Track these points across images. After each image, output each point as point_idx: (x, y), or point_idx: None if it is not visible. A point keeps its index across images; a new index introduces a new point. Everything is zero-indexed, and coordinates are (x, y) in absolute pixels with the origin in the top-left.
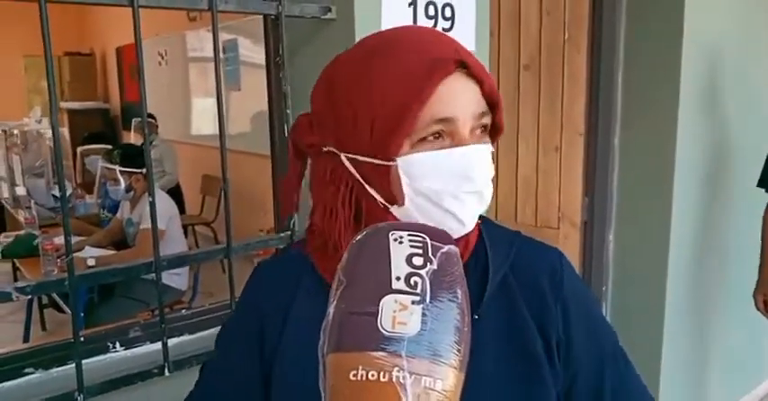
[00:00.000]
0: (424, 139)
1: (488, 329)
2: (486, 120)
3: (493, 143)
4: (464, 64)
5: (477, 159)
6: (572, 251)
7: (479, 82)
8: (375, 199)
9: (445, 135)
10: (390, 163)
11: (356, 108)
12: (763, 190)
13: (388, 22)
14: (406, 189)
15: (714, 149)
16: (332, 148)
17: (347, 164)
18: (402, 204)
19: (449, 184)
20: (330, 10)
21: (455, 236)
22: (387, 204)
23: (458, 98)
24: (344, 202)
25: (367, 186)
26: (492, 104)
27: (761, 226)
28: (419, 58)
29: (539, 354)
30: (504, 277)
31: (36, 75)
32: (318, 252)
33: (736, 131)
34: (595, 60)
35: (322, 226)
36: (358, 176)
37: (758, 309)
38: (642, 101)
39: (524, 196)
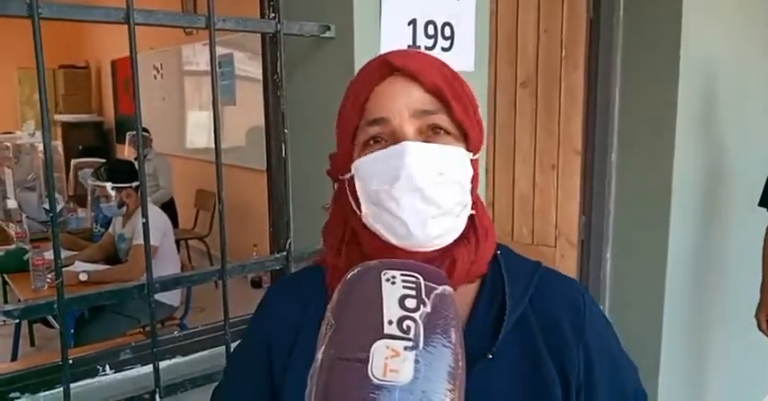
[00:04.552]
0: (367, 144)
1: (503, 369)
2: (438, 119)
3: (470, 147)
4: (396, 67)
5: (409, 154)
6: (569, 269)
7: (418, 81)
8: (357, 213)
9: (386, 136)
10: (351, 172)
11: (336, 136)
12: (765, 209)
13: (387, 41)
14: (360, 194)
15: (712, 167)
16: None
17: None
18: (360, 211)
19: (384, 184)
20: (329, 28)
21: (409, 246)
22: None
23: (389, 99)
24: (337, 220)
25: (352, 202)
26: (443, 102)
27: (761, 246)
28: (366, 72)
29: (557, 397)
30: (523, 312)
31: (30, 87)
32: (333, 271)
33: (733, 149)
34: (592, 78)
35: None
36: (350, 195)
37: (761, 330)
38: (639, 119)
39: (521, 214)
